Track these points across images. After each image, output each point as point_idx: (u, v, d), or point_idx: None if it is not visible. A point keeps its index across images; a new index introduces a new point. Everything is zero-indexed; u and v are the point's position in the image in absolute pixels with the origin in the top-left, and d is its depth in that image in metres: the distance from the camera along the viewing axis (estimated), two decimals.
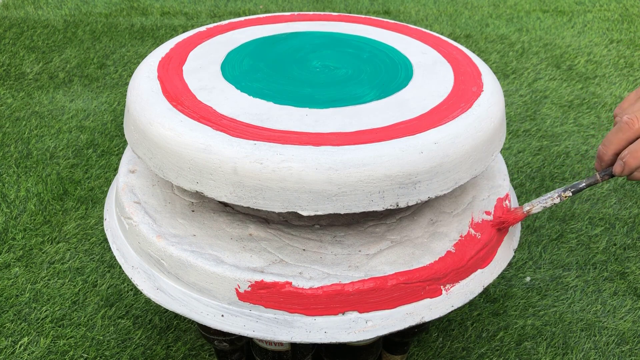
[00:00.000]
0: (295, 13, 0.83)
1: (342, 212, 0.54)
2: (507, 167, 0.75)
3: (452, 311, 0.64)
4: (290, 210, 0.54)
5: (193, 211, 0.65)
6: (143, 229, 0.62)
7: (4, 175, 1.18)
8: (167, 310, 0.90)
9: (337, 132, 0.57)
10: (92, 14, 1.92)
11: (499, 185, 0.71)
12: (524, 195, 1.17)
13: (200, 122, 0.57)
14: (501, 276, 0.98)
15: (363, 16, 0.83)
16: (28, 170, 1.20)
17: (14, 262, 0.99)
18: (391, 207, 0.55)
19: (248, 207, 0.65)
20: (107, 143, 1.28)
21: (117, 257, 0.66)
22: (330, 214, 0.64)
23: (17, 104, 1.43)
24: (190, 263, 0.59)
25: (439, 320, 0.90)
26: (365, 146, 0.55)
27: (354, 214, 0.65)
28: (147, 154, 0.59)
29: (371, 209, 0.54)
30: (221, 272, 0.57)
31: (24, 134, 1.31)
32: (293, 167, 0.53)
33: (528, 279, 0.98)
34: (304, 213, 0.54)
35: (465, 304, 0.93)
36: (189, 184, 0.56)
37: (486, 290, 0.95)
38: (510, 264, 1.00)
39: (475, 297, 0.63)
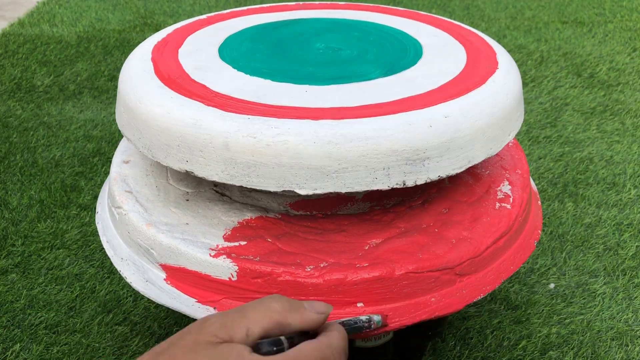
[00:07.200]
0: (300, 2, 0.80)
1: (343, 191, 0.49)
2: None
3: (467, 305, 0.58)
4: (286, 189, 0.50)
5: (187, 200, 0.61)
6: (133, 218, 0.58)
7: (7, 183, 1.16)
8: (166, 317, 0.86)
9: (339, 107, 0.52)
10: (105, 30, 1.93)
11: (518, 174, 0.65)
12: (546, 201, 1.11)
13: (191, 98, 0.53)
14: (523, 283, 0.92)
15: (372, 5, 0.80)
16: (32, 178, 1.17)
17: (12, 268, 0.95)
18: (397, 186, 0.50)
19: (245, 197, 0.61)
20: (112, 151, 1.25)
21: (106, 250, 0.62)
22: (334, 203, 0.59)
23: (26, 115, 1.42)
24: (181, 251, 0.54)
25: (456, 327, 0.84)
26: (368, 119, 0.50)
27: (360, 204, 0.60)
28: (136, 134, 0.56)
29: (375, 187, 0.50)
30: (213, 260, 0.53)
31: (31, 143, 1.29)
32: (289, 140, 0.48)
33: (552, 285, 0.91)
34: (302, 192, 0.49)
35: (483, 307, 0.87)
36: (178, 163, 0.52)
37: (507, 298, 0.89)
38: (532, 271, 0.94)
39: (493, 290, 0.57)
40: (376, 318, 0.51)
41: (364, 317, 0.50)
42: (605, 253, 0.98)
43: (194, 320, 0.66)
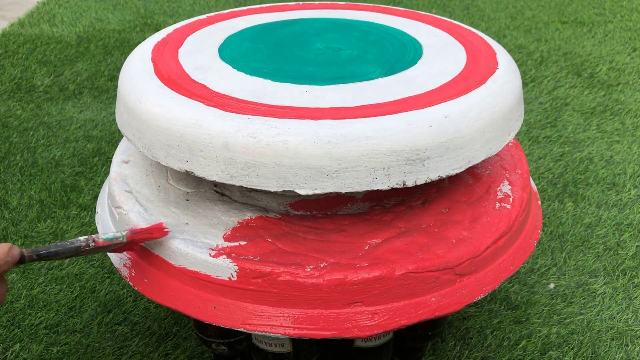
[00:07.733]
0: (300, 2, 0.80)
1: (343, 191, 0.50)
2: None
3: (467, 305, 0.58)
4: (286, 189, 0.50)
5: (187, 200, 0.61)
6: (132, 217, 0.58)
7: (7, 183, 1.15)
8: (166, 317, 0.86)
9: (339, 107, 0.52)
10: (105, 30, 1.93)
11: (518, 174, 0.65)
12: (546, 201, 1.11)
13: (191, 98, 0.53)
14: (523, 283, 0.92)
15: (372, 5, 0.80)
16: (32, 178, 1.17)
17: (12, 268, 0.95)
18: (397, 186, 0.50)
19: (245, 197, 0.61)
20: (112, 151, 1.25)
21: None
22: (334, 203, 0.59)
23: (26, 115, 1.41)
24: (181, 251, 0.54)
25: (456, 327, 0.84)
26: (368, 119, 0.50)
27: (360, 204, 0.60)
28: (136, 134, 0.56)
29: (375, 187, 0.50)
30: (213, 260, 0.53)
31: (31, 143, 1.29)
32: (289, 140, 0.48)
33: (552, 285, 0.91)
34: (302, 192, 0.49)
35: (483, 307, 0.87)
36: (178, 163, 0.52)
37: (507, 298, 0.89)
38: (532, 271, 0.94)
39: (493, 290, 0.58)
40: (105, 236, 0.50)
41: (82, 238, 0.49)
42: (605, 253, 0.98)
43: (193, 319, 0.66)
